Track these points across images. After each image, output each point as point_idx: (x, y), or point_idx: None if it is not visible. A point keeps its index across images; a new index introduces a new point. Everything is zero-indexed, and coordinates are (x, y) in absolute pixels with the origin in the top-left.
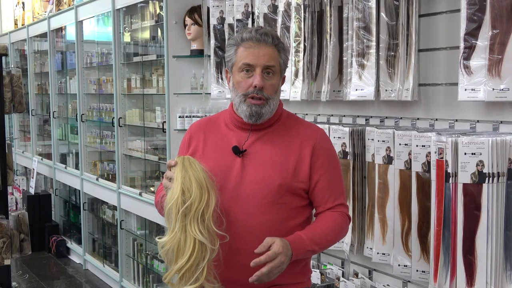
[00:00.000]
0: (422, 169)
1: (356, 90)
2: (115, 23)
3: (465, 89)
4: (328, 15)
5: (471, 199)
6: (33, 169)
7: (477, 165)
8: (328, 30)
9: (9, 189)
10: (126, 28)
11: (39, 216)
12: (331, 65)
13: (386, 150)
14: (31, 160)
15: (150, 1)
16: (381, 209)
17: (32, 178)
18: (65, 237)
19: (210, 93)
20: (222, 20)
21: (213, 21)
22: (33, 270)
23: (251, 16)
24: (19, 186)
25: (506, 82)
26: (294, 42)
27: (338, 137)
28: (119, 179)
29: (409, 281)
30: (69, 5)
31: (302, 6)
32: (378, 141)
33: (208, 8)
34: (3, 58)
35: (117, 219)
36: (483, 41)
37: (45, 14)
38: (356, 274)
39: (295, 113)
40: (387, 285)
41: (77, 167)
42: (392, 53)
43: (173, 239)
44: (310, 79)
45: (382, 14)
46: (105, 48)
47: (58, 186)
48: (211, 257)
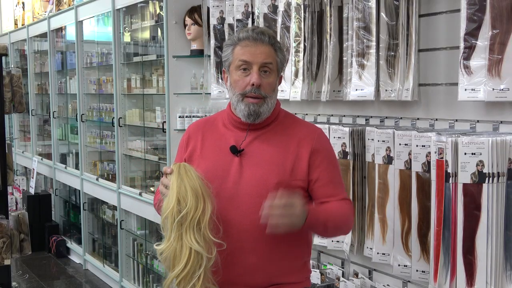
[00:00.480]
0: (422, 169)
1: (356, 90)
2: (115, 23)
3: (465, 89)
4: (328, 15)
5: (471, 199)
6: (33, 169)
7: (477, 165)
8: (328, 30)
9: (9, 189)
10: (126, 28)
11: (39, 216)
12: (331, 65)
13: (386, 150)
14: (31, 160)
15: (150, 1)
16: (381, 209)
17: (32, 178)
18: (65, 237)
19: (210, 93)
20: (222, 20)
21: (213, 21)
22: (33, 270)
23: (251, 16)
24: (19, 186)
25: (506, 82)
26: (294, 42)
27: (338, 137)
28: (119, 179)
29: (409, 281)
30: (69, 5)
31: (302, 6)
32: (378, 141)
33: (208, 8)
34: (3, 58)
35: (117, 219)
36: (483, 41)
37: (45, 14)
38: (356, 274)
39: (295, 113)
40: (387, 285)
41: (77, 167)
42: (392, 53)
43: (169, 248)
44: (310, 79)
45: (382, 14)
46: (105, 48)
47: (58, 186)
48: (208, 265)
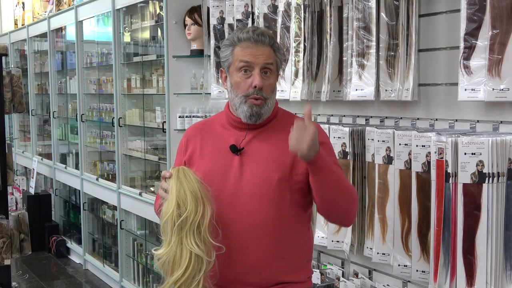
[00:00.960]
0: (422, 169)
1: (356, 90)
2: (115, 23)
3: (465, 89)
4: (328, 15)
5: (471, 199)
6: (33, 169)
7: (477, 165)
8: (328, 30)
9: (9, 189)
10: (126, 28)
11: (39, 216)
12: (331, 65)
13: (386, 150)
14: (31, 160)
15: (150, 1)
16: (381, 209)
17: (32, 178)
18: (65, 237)
19: (210, 93)
20: (222, 20)
21: (213, 21)
22: (33, 270)
23: (251, 16)
24: (19, 186)
25: (506, 82)
26: (294, 42)
27: (338, 137)
28: (119, 179)
29: (409, 281)
30: (69, 5)
31: (302, 6)
32: (378, 141)
33: (208, 8)
34: (3, 58)
35: (117, 219)
36: (483, 41)
37: (45, 14)
38: (356, 274)
39: (295, 113)
40: (387, 285)
41: (77, 167)
42: (392, 53)
43: (169, 252)
44: (310, 79)
45: (382, 14)
46: (105, 48)
47: (58, 186)
48: (207, 269)
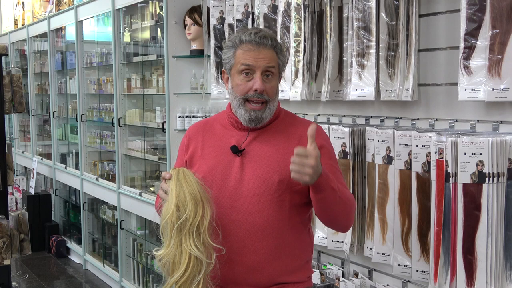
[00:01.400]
0: (422, 169)
1: (356, 90)
2: (115, 23)
3: (465, 89)
4: (328, 15)
5: (471, 199)
6: (33, 169)
7: (477, 165)
8: (328, 30)
9: (9, 189)
10: (126, 28)
11: (39, 216)
12: (331, 65)
13: (386, 150)
14: (31, 160)
15: (150, 1)
16: (381, 209)
17: (32, 178)
18: (65, 237)
19: (210, 93)
20: (222, 20)
21: (213, 21)
22: (33, 270)
23: (251, 16)
24: (19, 186)
25: (506, 82)
26: (294, 42)
27: (338, 137)
28: (119, 179)
29: (409, 281)
30: (69, 5)
31: (302, 6)
32: (378, 141)
33: (208, 8)
34: (3, 58)
35: (117, 219)
36: (483, 41)
37: (45, 14)
38: (356, 274)
39: (295, 113)
40: (387, 285)
41: (77, 167)
42: (392, 53)
43: (169, 253)
44: (310, 79)
45: (382, 14)
46: (105, 48)
47: (58, 186)
48: (207, 271)
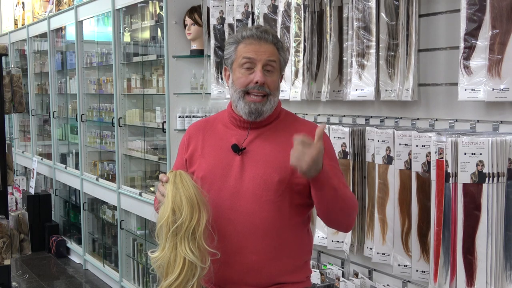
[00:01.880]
0: (422, 169)
1: (356, 90)
2: (115, 23)
3: (465, 89)
4: (328, 15)
5: (471, 199)
6: (33, 169)
7: (477, 165)
8: (328, 30)
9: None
10: (126, 28)
11: (39, 216)
12: (331, 65)
13: (386, 150)
14: (31, 160)
15: (150, 1)
16: (381, 209)
17: (32, 178)
18: (65, 237)
19: (210, 93)
20: (222, 20)
21: (213, 21)
22: (33, 270)
23: (251, 16)
24: (19, 186)
25: (506, 82)
26: (294, 42)
27: (338, 137)
28: (119, 179)
29: (409, 281)
30: (69, 5)
31: (302, 6)
32: (378, 141)
33: (208, 8)
34: (3, 58)
35: (117, 219)
36: (483, 41)
37: (45, 14)
38: (356, 274)
39: (295, 113)
40: (387, 285)
41: (77, 167)
42: (392, 53)
43: (164, 257)
44: (310, 79)
45: (382, 14)
46: (105, 48)
47: (58, 186)
48: (202, 275)
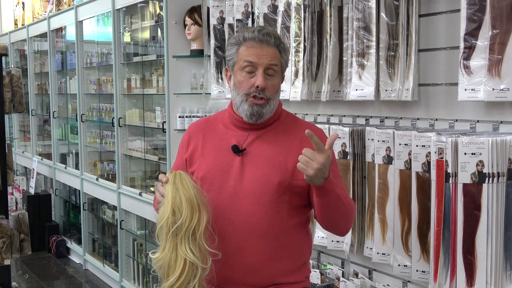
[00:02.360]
0: (422, 169)
1: (356, 90)
2: (115, 23)
3: (465, 89)
4: (328, 15)
5: (471, 199)
6: (33, 169)
7: (477, 165)
8: (328, 30)
9: (9, 189)
10: (126, 28)
11: (39, 216)
12: (331, 65)
13: (386, 150)
14: (31, 160)
15: (150, 1)
16: (381, 209)
17: (32, 178)
18: (65, 237)
19: (210, 93)
20: (222, 20)
21: (213, 21)
22: (33, 270)
23: (251, 16)
24: (19, 186)
25: (506, 82)
26: (294, 42)
27: (338, 137)
28: (119, 179)
29: (409, 281)
30: (69, 5)
31: (302, 6)
32: (378, 141)
33: (208, 8)
34: (3, 58)
35: (117, 219)
36: (483, 41)
37: (45, 14)
38: (356, 274)
39: (295, 113)
40: (387, 285)
41: (77, 167)
42: (392, 53)
43: (164, 258)
44: (310, 79)
45: (382, 14)
46: (105, 48)
47: (58, 186)
48: (203, 275)
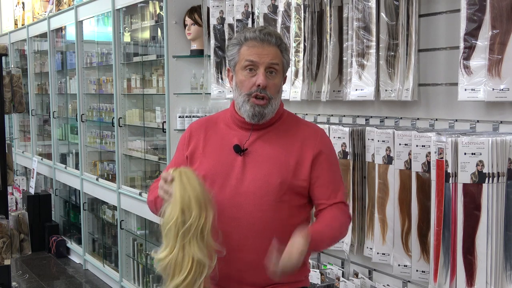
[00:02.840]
0: (422, 169)
1: (356, 90)
2: (115, 23)
3: (465, 89)
4: (328, 15)
5: (471, 199)
6: (33, 169)
7: (477, 165)
8: (328, 30)
9: (9, 189)
10: (126, 28)
11: (39, 216)
12: (331, 65)
13: (386, 150)
14: (31, 160)
15: (150, 1)
16: (381, 209)
17: (32, 178)
18: (65, 237)
19: (210, 93)
20: (222, 20)
21: (213, 21)
22: (33, 270)
23: (251, 16)
24: (19, 186)
25: (506, 82)
26: (294, 42)
27: (338, 137)
28: (119, 179)
29: (409, 281)
30: (69, 5)
31: (302, 6)
32: (378, 141)
33: (208, 8)
34: (3, 58)
35: (117, 219)
36: (483, 41)
37: (45, 14)
38: (356, 274)
39: (295, 113)
40: (387, 285)
41: (77, 167)
42: (392, 53)
43: (171, 257)
44: (310, 79)
45: (382, 14)
46: (105, 48)
47: (58, 186)
48: (208, 273)
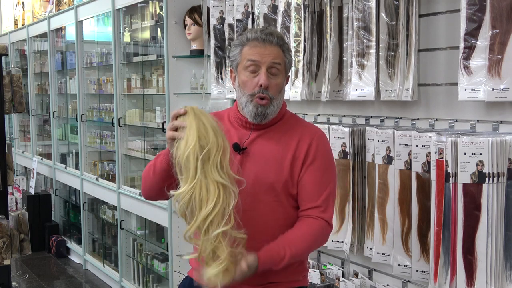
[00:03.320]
0: (422, 169)
1: (356, 90)
2: (115, 23)
3: (465, 89)
4: (328, 15)
5: (471, 199)
6: (33, 169)
7: (477, 165)
8: (328, 30)
9: (9, 189)
10: (126, 28)
11: (39, 216)
12: (331, 65)
13: (386, 150)
14: (31, 160)
15: (150, 1)
16: (381, 209)
17: (32, 178)
18: (65, 237)
19: (210, 93)
20: (222, 20)
21: (213, 21)
22: (33, 270)
23: (251, 16)
24: (19, 186)
25: (506, 82)
26: (294, 42)
27: (338, 137)
28: (119, 179)
29: (409, 281)
30: (69, 5)
31: (302, 6)
32: (378, 141)
33: (208, 8)
34: (3, 58)
35: (117, 219)
36: (483, 41)
37: (45, 14)
38: (356, 274)
39: (295, 113)
40: (387, 285)
41: (77, 167)
42: (392, 53)
43: (194, 188)
44: (310, 79)
45: (382, 14)
46: (105, 48)
47: (58, 186)
48: (235, 203)
